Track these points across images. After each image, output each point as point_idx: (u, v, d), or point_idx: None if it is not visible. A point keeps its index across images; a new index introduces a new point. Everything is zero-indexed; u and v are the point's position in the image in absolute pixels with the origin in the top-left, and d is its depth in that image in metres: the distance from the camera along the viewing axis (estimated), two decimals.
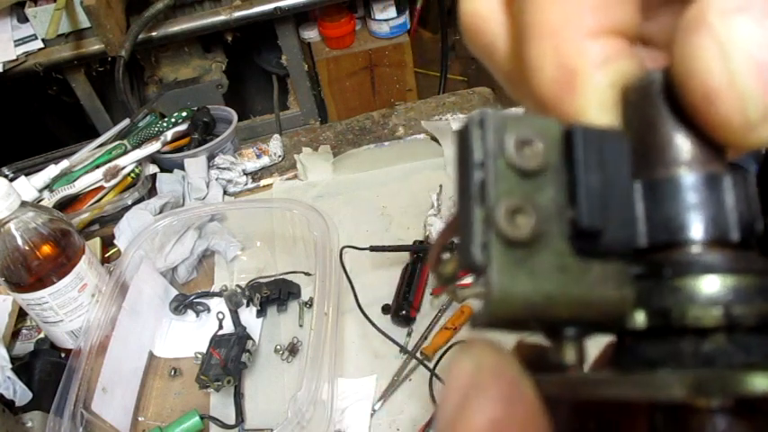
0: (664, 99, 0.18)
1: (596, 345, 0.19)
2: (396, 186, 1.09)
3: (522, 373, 0.16)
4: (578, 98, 0.18)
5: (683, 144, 0.17)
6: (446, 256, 0.19)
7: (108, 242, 1.05)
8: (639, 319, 0.17)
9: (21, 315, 0.95)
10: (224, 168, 1.14)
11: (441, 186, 1.02)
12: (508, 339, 0.18)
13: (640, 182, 0.18)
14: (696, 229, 0.17)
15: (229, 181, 1.14)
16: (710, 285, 0.16)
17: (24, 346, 0.93)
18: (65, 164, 1.11)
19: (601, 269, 0.17)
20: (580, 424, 0.20)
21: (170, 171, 1.16)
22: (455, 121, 1.14)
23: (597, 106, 0.18)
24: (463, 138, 0.17)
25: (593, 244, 0.17)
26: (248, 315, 0.91)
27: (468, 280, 0.17)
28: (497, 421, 0.15)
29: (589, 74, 0.18)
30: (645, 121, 0.18)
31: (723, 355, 0.16)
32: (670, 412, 0.17)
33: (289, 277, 0.93)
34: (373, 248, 0.90)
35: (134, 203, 1.07)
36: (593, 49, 0.18)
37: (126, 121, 1.22)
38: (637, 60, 0.19)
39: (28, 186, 1.07)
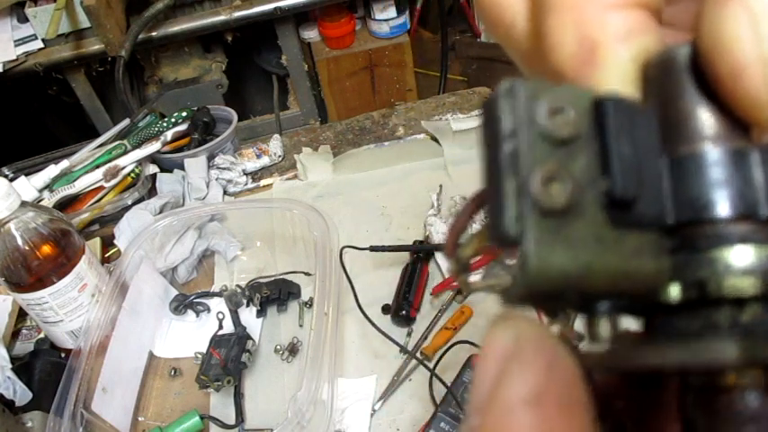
0: (688, 74, 0.17)
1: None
2: (396, 186, 1.09)
3: (561, 345, 0.16)
4: (599, 72, 0.17)
5: (707, 119, 0.17)
6: (465, 239, 0.19)
7: (108, 242, 1.05)
8: (674, 291, 0.17)
9: (21, 315, 0.95)
10: (224, 168, 1.14)
11: (441, 186, 1.02)
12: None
13: (665, 159, 0.17)
14: (723, 205, 0.16)
15: (229, 181, 1.14)
16: (745, 256, 0.16)
17: (24, 346, 0.93)
18: (65, 164, 1.11)
19: (636, 239, 0.16)
20: (608, 407, 0.20)
21: (170, 171, 1.16)
22: (455, 121, 1.14)
23: (618, 80, 0.17)
24: (490, 109, 0.16)
25: (627, 214, 0.16)
26: (248, 315, 0.91)
27: (483, 270, 0.17)
28: (539, 391, 0.15)
29: (611, 47, 0.17)
30: (668, 97, 0.17)
31: (762, 324, 0.16)
32: (700, 391, 0.16)
33: (289, 277, 0.93)
34: (373, 248, 0.90)
35: (134, 203, 1.07)
36: (616, 21, 0.17)
37: (126, 121, 1.22)
38: (660, 35, 0.18)
39: (28, 186, 1.07)
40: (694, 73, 0.17)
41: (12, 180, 1.08)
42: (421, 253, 0.92)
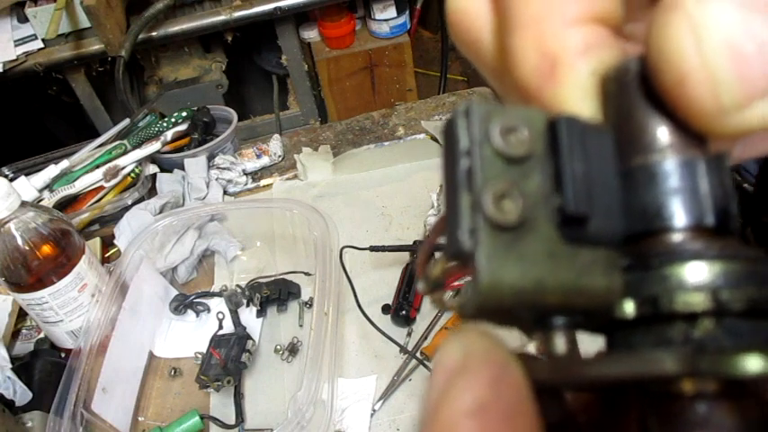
0: (638, 86, 0.17)
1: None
2: (396, 186, 1.09)
3: (510, 358, 0.16)
4: (560, 87, 0.18)
5: (656, 131, 0.17)
6: (435, 259, 0.19)
7: (108, 242, 1.05)
8: (628, 308, 0.17)
9: (21, 315, 0.95)
10: (224, 168, 1.14)
11: (441, 186, 1.02)
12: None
13: (620, 172, 0.18)
14: (670, 215, 0.17)
15: (229, 181, 1.14)
16: (697, 272, 0.16)
17: (24, 346, 0.93)
18: (65, 164, 1.11)
19: (589, 256, 0.17)
20: (569, 417, 0.20)
21: (170, 171, 1.16)
22: None
23: (579, 95, 0.18)
24: (450, 128, 0.17)
25: (580, 231, 0.17)
26: (248, 315, 0.91)
27: (456, 284, 0.17)
28: (484, 403, 0.15)
29: (570, 62, 0.18)
30: (621, 110, 0.18)
31: (713, 340, 0.16)
32: (655, 399, 0.17)
33: (289, 277, 0.93)
34: (373, 248, 0.90)
35: (134, 203, 1.07)
36: (575, 37, 0.18)
37: (126, 121, 1.22)
38: (618, 49, 0.18)
39: (28, 186, 1.06)
40: (645, 85, 0.17)
41: (12, 180, 1.08)
42: None
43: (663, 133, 0.17)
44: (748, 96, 0.15)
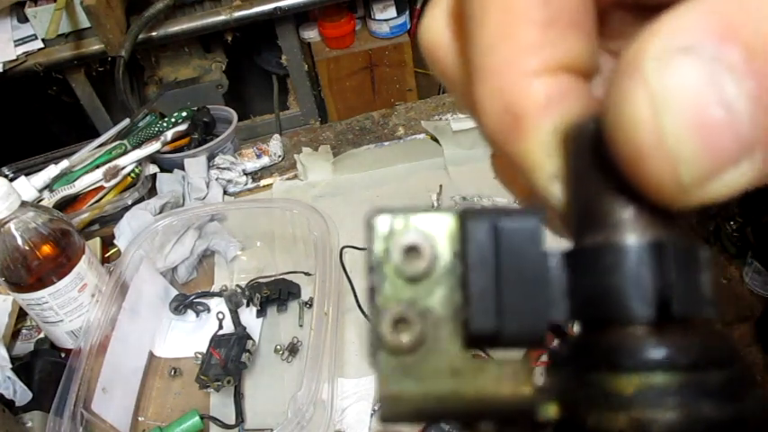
0: (594, 152, 0.16)
1: None
2: (396, 186, 1.08)
3: None
4: (523, 142, 0.17)
5: (610, 204, 0.16)
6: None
7: (108, 242, 1.05)
8: (551, 412, 0.16)
9: (21, 315, 0.95)
10: (224, 168, 1.14)
11: (441, 186, 1.02)
12: None
13: (566, 250, 0.16)
14: (616, 307, 0.15)
15: (229, 181, 1.14)
16: (622, 385, 0.15)
17: (24, 346, 0.93)
18: (65, 164, 1.11)
19: (497, 368, 0.16)
20: None
21: (170, 171, 1.16)
22: (455, 121, 1.14)
23: (542, 152, 0.17)
24: (366, 235, 0.17)
25: (491, 341, 0.16)
26: (248, 315, 0.91)
27: None
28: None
29: (532, 117, 0.17)
30: (577, 177, 0.17)
31: None
32: None
33: (289, 277, 0.93)
34: None
35: (134, 203, 1.07)
36: (537, 89, 0.17)
37: (126, 121, 1.22)
38: (585, 98, 0.17)
39: (28, 186, 1.06)
40: (602, 150, 0.15)
41: (12, 180, 1.08)
42: None
43: (618, 208, 0.16)
44: (716, 168, 0.14)
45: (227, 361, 0.80)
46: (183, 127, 1.19)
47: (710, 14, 0.14)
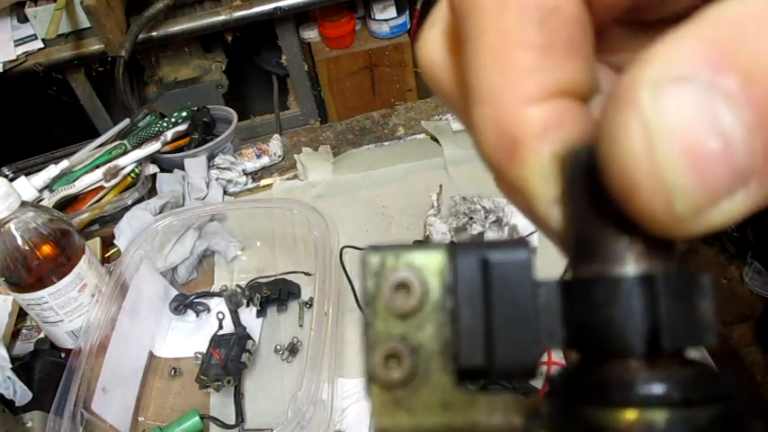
0: (589, 181, 0.16)
1: None
2: (396, 186, 1.09)
3: None
4: (521, 168, 0.17)
5: (605, 235, 0.16)
6: None
7: (108, 242, 1.05)
8: None
9: (21, 315, 0.95)
10: (224, 168, 1.14)
11: (441, 186, 1.02)
12: None
13: (562, 280, 0.17)
14: (604, 340, 0.15)
15: (229, 181, 1.14)
16: (611, 421, 0.15)
17: (24, 346, 0.93)
18: (65, 164, 1.11)
19: (487, 400, 0.17)
20: None
21: (170, 171, 1.16)
22: (455, 121, 1.14)
23: (540, 179, 0.17)
24: (360, 273, 0.17)
25: (482, 375, 0.17)
26: (248, 315, 0.91)
27: None
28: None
29: (529, 143, 0.16)
30: (572, 204, 0.16)
31: None
32: None
33: (289, 277, 0.93)
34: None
35: (134, 203, 1.07)
36: (534, 115, 0.16)
37: (126, 121, 1.22)
38: (584, 122, 0.17)
39: (28, 186, 1.06)
40: (598, 179, 0.15)
41: (12, 180, 1.08)
42: None
43: (612, 238, 0.16)
44: (711, 200, 0.13)
45: (227, 361, 0.80)
46: (183, 127, 1.19)
47: (706, 41, 0.13)
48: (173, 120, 1.18)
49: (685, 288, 0.15)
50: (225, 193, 1.14)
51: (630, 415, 0.14)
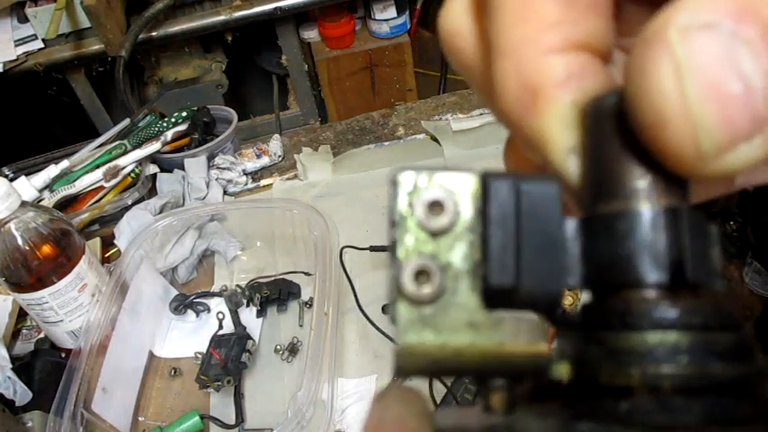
0: (614, 123, 0.16)
1: None
2: None
3: (423, 424, 0.16)
4: (540, 117, 0.17)
5: (627, 174, 0.16)
6: None
7: (108, 242, 1.05)
8: (563, 371, 0.17)
9: (21, 315, 0.95)
10: (224, 168, 1.14)
11: None
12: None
13: (582, 218, 0.17)
14: (630, 271, 0.16)
15: (229, 181, 1.14)
16: (634, 342, 0.15)
17: (24, 346, 0.93)
18: (65, 164, 1.11)
19: (514, 323, 0.17)
20: None
21: (170, 171, 1.16)
22: (455, 121, 1.14)
23: (559, 127, 0.17)
24: (389, 191, 0.17)
25: (507, 299, 0.17)
26: (248, 315, 0.91)
27: None
28: None
29: (550, 92, 0.17)
30: (595, 148, 0.17)
31: (643, 414, 0.15)
32: None
33: (289, 277, 0.93)
34: (373, 248, 0.90)
35: (134, 203, 1.07)
36: (555, 65, 0.17)
37: (126, 121, 1.22)
38: (603, 77, 0.17)
39: (28, 186, 1.06)
40: (621, 121, 0.16)
41: (12, 180, 1.08)
42: None
43: (635, 176, 0.16)
44: (732, 140, 0.14)
45: (227, 361, 0.80)
46: (183, 127, 1.19)
47: None
48: (173, 120, 1.18)
49: (702, 230, 0.16)
50: (225, 193, 1.14)
51: (654, 337, 0.15)
